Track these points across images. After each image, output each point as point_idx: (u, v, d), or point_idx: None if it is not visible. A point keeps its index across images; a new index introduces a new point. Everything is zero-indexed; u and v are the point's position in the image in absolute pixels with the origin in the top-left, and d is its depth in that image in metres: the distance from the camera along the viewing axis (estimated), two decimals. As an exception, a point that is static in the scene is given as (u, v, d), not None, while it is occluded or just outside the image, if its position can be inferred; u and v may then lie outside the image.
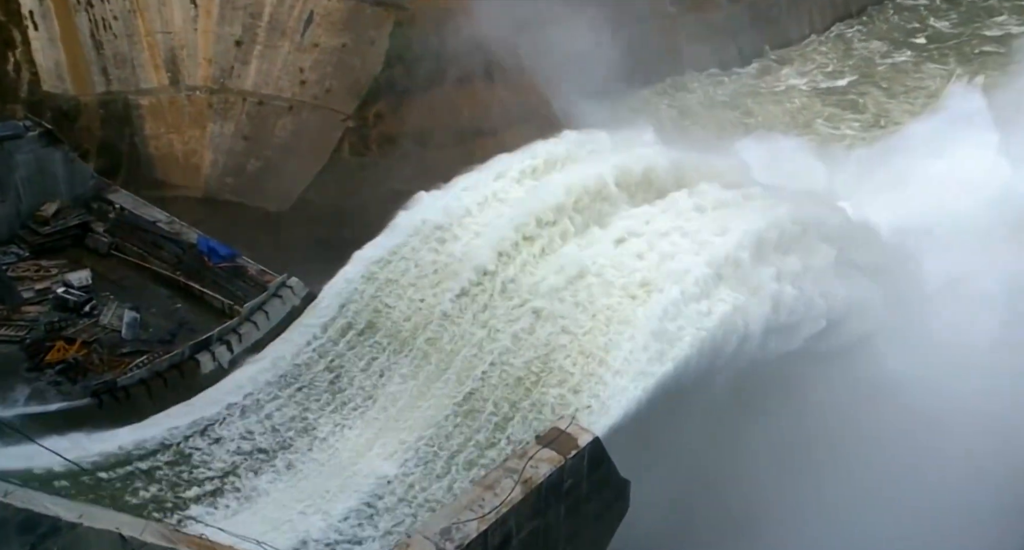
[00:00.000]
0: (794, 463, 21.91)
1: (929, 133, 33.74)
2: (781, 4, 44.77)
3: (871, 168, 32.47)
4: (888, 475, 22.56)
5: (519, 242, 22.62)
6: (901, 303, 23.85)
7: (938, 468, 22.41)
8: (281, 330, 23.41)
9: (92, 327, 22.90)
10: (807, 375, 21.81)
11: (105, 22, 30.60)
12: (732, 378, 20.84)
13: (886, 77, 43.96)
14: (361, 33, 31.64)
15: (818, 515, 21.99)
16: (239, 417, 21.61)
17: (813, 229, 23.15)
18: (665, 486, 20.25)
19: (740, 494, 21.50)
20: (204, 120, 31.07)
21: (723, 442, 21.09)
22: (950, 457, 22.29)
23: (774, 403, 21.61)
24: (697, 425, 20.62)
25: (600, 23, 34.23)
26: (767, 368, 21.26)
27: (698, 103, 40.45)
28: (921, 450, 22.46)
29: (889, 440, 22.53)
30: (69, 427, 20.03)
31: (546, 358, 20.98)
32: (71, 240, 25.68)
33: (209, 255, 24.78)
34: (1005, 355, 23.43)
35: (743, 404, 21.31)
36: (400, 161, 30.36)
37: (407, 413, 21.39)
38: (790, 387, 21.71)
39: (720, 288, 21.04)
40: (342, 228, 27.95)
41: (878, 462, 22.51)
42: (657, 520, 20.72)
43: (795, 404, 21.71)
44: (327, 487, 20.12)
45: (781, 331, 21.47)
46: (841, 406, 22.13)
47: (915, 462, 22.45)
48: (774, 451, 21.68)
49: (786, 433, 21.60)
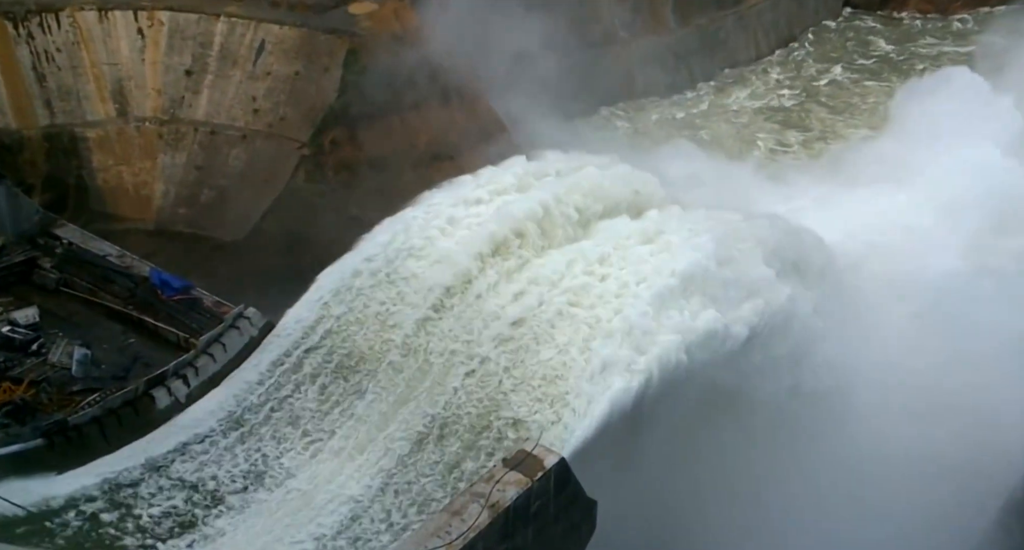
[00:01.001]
0: (751, 474, 22.05)
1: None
2: (728, 27, 45.81)
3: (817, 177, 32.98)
4: (846, 478, 22.83)
5: (479, 266, 22.55)
6: (842, 309, 24.19)
7: (888, 469, 22.84)
8: (239, 362, 22.90)
9: (40, 366, 22.08)
10: (749, 387, 22.00)
11: (48, 54, 30.03)
12: (688, 394, 20.94)
13: (830, 95, 45.22)
14: (314, 60, 31.49)
15: (785, 519, 22.15)
16: (197, 454, 20.99)
17: (751, 241, 23.36)
18: (633, 504, 20.16)
19: (707, 506, 21.53)
20: (155, 151, 30.53)
21: (684, 458, 21.12)
22: (897, 457, 22.72)
23: (724, 417, 21.73)
24: (657, 441, 20.69)
25: (554, 47, 34.56)
26: (713, 383, 21.39)
27: (651, 123, 41.05)
28: (869, 452, 22.84)
29: (836, 443, 22.81)
30: (18, 470, 19.24)
31: (508, 382, 20.87)
32: (16, 277, 24.84)
33: (162, 288, 24.18)
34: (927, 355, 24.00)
35: (699, 418, 21.40)
36: (357, 187, 30.10)
37: (370, 442, 21.03)
38: (736, 401, 21.85)
39: (668, 309, 21.13)
40: (300, 256, 27.57)
41: (833, 467, 22.77)
42: (628, 539, 20.60)
43: (743, 416, 21.87)
44: (290, 521, 19.56)
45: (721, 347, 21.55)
46: (788, 414, 22.34)
47: (866, 466, 22.82)
48: (732, 463, 21.80)
49: (741, 445, 21.75)
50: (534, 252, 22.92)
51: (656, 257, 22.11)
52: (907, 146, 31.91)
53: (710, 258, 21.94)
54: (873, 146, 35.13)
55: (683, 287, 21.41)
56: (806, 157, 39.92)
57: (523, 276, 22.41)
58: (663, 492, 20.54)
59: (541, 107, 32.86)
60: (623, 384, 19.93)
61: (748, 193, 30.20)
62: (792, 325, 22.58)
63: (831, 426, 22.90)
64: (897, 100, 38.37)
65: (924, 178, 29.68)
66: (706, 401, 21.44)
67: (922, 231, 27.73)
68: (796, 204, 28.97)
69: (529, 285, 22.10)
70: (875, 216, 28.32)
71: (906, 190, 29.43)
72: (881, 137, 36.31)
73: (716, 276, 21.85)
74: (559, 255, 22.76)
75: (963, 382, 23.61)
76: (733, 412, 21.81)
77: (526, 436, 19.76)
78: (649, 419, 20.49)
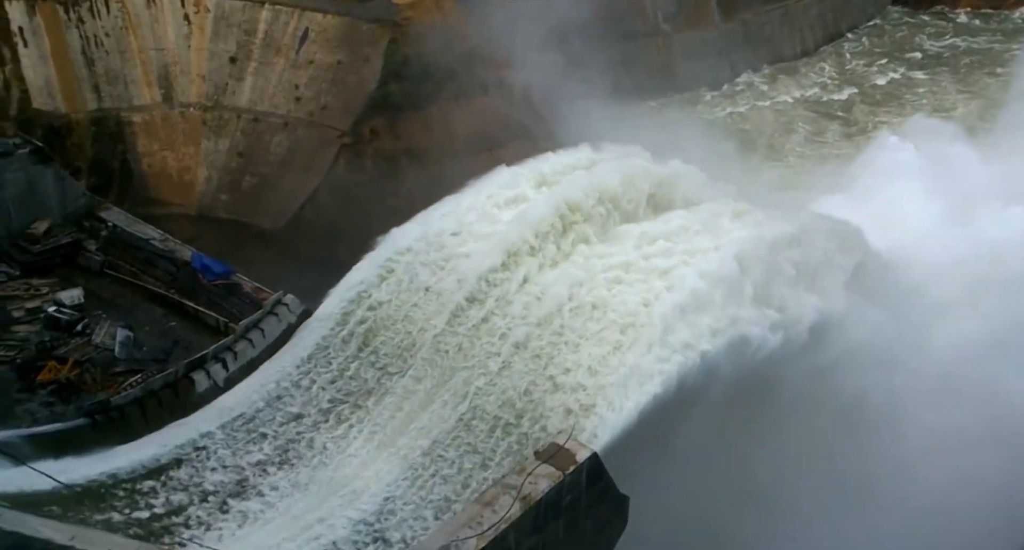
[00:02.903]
0: (792, 471, 21.86)
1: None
2: (773, 22, 45.26)
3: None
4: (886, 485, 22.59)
5: (515, 258, 22.51)
6: (899, 322, 23.84)
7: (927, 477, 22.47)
8: (277, 348, 23.15)
9: (84, 346, 22.56)
10: (797, 386, 21.77)
11: (97, 39, 30.50)
12: (729, 390, 20.74)
13: (878, 91, 44.45)
14: (356, 50, 31.66)
15: (816, 517, 21.96)
16: (234, 436, 21.28)
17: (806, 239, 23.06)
18: (669, 500, 20.06)
19: (745, 503, 21.37)
20: (198, 137, 30.94)
21: (723, 453, 20.96)
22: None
23: (769, 413, 21.53)
24: (696, 437, 20.50)
25: (595, 40, 34.35)
26: (759, 379, 21.20)
27: (689, 116, 40.73)
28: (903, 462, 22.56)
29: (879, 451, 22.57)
30: (62, 448, 19.68)
31: (543, 374, 20.78)
32: (62, 258, 25.39)
33: (203, 272, 24.52)
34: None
35: (741, 416, 21.22)
36: (396, 177, 30.28)
37: (405, 429, 21.14)
38: (783, 398, 21.63)
39: (716, 302, 20.95)
40: (338, 245, 27.79)
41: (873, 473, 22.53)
42: (661, 536, 20.53)
43: (789, 414, 21.66)
44: (325, 506, 19.77)
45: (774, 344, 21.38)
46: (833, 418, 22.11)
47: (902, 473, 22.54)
48: (771, 461, 21.60)
49: (786, 441, 21.54)
50: (576, 242, 22.76)
51: (705, 249, 21.81)
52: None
53: (761, 253, 21.68)
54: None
55: (730, 281, 21.08)
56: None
57: (564, 266, 22.28)
58: (699, 488, 20.37)
59: (578, 99, 32.70)
60: (662, 378, 19.76)
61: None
62: (842, 326, 22.29)
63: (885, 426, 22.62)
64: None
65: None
66: (749, 395, 21.22)
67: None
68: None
69: (570, 274, 21.91)
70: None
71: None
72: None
73: (768, 272, 21.60)
74: (601, 246, 22.59)
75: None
76: (772, 406, 21.56)
77: (559, 429, 19.66)
78: (689, 414, 20.30)
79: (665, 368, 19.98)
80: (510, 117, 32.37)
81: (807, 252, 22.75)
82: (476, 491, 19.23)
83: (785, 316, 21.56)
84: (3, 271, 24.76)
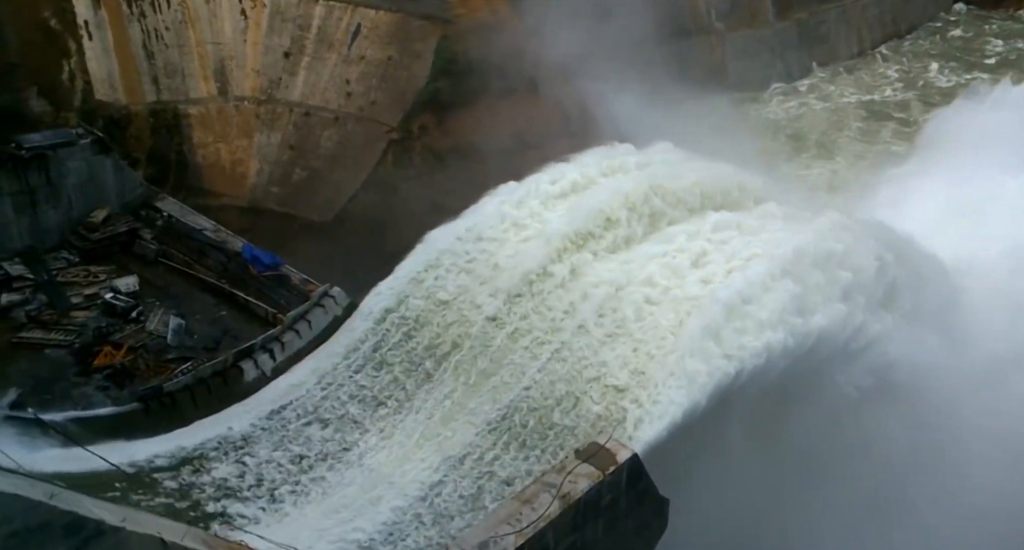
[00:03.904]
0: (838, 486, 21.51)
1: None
2: (830, 21, 44.37)
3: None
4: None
5: (561, 254, 22.53)
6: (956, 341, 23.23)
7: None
8: (323, 339, 23.57)
9: (138, 333, 23.24)
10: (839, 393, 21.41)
11: (157, 32, 31.23)
12: (771, 395, 20.49)
13: (937, 92, 43.25)
14: (407, 46, 31.91)
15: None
16: (280, 426, 21.72)
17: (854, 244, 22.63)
18: (712, 504, 19.90)
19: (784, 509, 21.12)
20: (251, 130, 31.50)
21: (764, 459, 20.71)
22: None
23: (813, 413, 21.21)
24: (738, 441, 20.30)
25: (645, 38, 34.08)
26: (808, 385, 20.91)
27: (739, 116, 40.17)
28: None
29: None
30: (115, 432, 20.31)
31: (587, 371, 20.78)
32: (119, 246, 26.17)
33: (253, 263, 25.05)
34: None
35: (780, 420, 20.95)
36: (442, 174, 30.46)
37: (447, 423, 21.37)
38: (823, 396, 21.29)
39: (760, 308, 20.67)
40: (384, 239, 28.11)
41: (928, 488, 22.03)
42: (697, 541, 20.40)
43: (831, 413, 21.33)
44: (367, 497, 20.11)
45: (828, 352, 21.09)
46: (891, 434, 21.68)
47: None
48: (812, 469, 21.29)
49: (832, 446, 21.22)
50: (623, 240, 22.74)
51: (751, 253, 21.57)
52: None
53: (813, 252, 21.41)
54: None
55: (781, 280, 20.83)
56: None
57: (611, 264, 22.25)
58: (740, 493, 20.18)
59: (627, 97, 32.46)
60: (705, 381, 19.58)
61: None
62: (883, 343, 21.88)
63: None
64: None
65: None
66: (796, 398, 20.95)
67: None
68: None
69: (617, 271, 21.88)
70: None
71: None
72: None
73: (822, 272, 21.33)
74: (648, 245, 22.50)
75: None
76: (818, 409, 21.23)
77: (600, 428, 19.65)
78: (731, 418, 20.09)
79: (709, 371, 19.78)
80: (558, 115, 32.30)
81: (853, 260, 22.28)
82: (516, 488, 19.32)
83: (824, 326, 21.13)
84: (64, 258, 25.63)
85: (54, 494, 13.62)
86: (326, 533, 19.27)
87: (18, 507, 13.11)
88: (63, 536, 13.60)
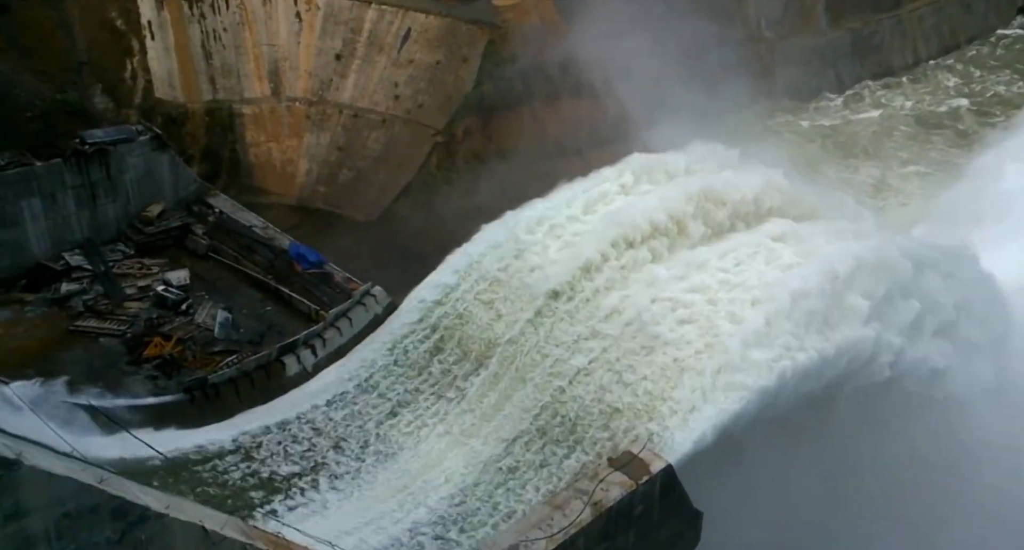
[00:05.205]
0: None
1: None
2: (884, 31, 43.57)
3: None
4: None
5: (600, 262, 22.62)
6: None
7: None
8: (363, 337, 24.09)
9: (187, 325, 24.02)
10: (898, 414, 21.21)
11: (215, 33, 32.12)
12: (806, 411, 20.36)
13: (997, 104, 42.21)
14: (455, 50, 32.32)
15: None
16: (321, 420, 22.24)
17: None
18: (748, 518, 19.83)
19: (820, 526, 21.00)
20: (302, 130, 32.22)
21: (800, 473, 20.57)
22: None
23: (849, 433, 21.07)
24: (773, 456, 20.19)
25: (692, 45, 33.95)
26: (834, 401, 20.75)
27: (788, 125, 39.77)
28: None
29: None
30: (162, 420, 21.05)
31: (621, 382, 20.82)
32: (172, 240, 27.05)
33: (299, 261, 25.72)
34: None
35: (815, 436, 20.82)
36: (485, 177, 30.75)
37: (482, 425, 21.66)
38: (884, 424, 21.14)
39: (795, 323, 20.55)
40: (426, 240, 28.47)
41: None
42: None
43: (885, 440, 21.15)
44: (401, 495, 20.49)
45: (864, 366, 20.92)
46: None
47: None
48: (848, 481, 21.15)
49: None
50: (663, 250, 22.73)
51: (791, 265, 21.44)
52: None
53: (855, 267, 21.24)
54: None
55: (811, 303, 20.69)
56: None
57: (650, 273, 22.26)
58: (775, 508, 20.10)
59: (672, 104, 32.36)
60: (740, 394, 19.50)
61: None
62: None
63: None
64: None
65: None
66: (825, 416, 20.82)
67: None
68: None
69: (655, 282, 21.85)
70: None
71: None
72: None
73: (862, 288, 21.17)
74: (689, 255, 22.43)
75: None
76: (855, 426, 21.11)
77: (634, 437, 19.65)
78: (766, 432, 19.93)
79: (745, 384, 19.72)
80: (601, 121, 32.39)
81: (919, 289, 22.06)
82: (547, 493, 19.50)
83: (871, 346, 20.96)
84: (120, 250, 26.59)
85: (103, 479, 14.15)
86: (360, 529, 19.63)
87: (71, 489, 13.68)
88: (110, 519, 14.14)
